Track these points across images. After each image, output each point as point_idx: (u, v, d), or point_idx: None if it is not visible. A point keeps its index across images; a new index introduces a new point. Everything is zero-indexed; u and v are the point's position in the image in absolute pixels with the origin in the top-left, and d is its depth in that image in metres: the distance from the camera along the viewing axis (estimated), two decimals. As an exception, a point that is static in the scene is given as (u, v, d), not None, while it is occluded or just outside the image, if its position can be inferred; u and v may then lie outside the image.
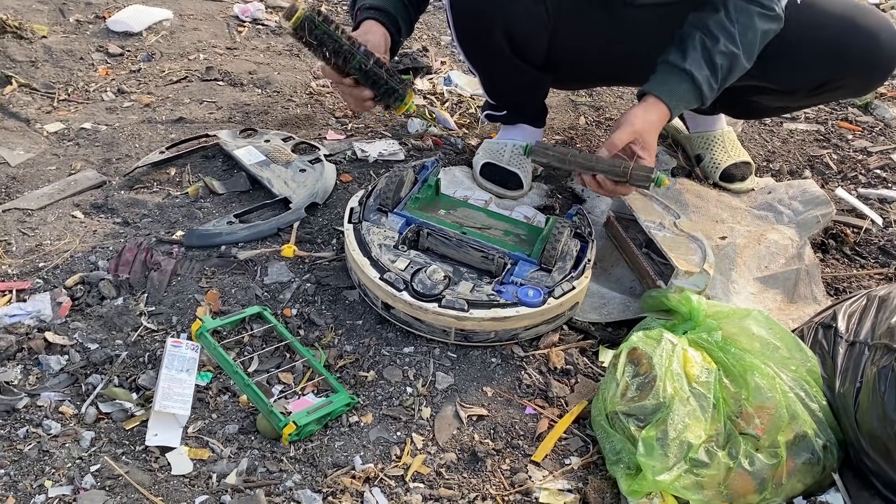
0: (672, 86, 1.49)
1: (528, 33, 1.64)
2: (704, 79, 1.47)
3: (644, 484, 1.15)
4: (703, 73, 1.47)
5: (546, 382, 1.38)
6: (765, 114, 2.01)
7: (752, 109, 1.90)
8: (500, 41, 1.64)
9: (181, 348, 1.35)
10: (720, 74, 1.49)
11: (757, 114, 1.99)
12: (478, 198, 1.74)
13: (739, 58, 1.48)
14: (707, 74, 1.47)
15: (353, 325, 1.47)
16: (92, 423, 1.26)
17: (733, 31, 1.46)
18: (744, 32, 1.47)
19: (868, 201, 1.99)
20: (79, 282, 1.50)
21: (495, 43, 1.64)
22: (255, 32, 2.66)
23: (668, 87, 1.49)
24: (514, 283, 1.41)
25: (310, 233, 1.67)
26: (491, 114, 1.97)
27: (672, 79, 1.49)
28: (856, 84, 1.70)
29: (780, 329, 1.31)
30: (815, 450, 1.19)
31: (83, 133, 1.99)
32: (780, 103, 1.81)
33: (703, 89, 1.48)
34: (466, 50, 1.75)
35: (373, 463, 1.22)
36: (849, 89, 1.73)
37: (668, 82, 1.49)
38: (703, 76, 1.47)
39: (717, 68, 1.48)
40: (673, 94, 1.49)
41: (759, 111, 1.93)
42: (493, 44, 1.65)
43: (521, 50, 1.67)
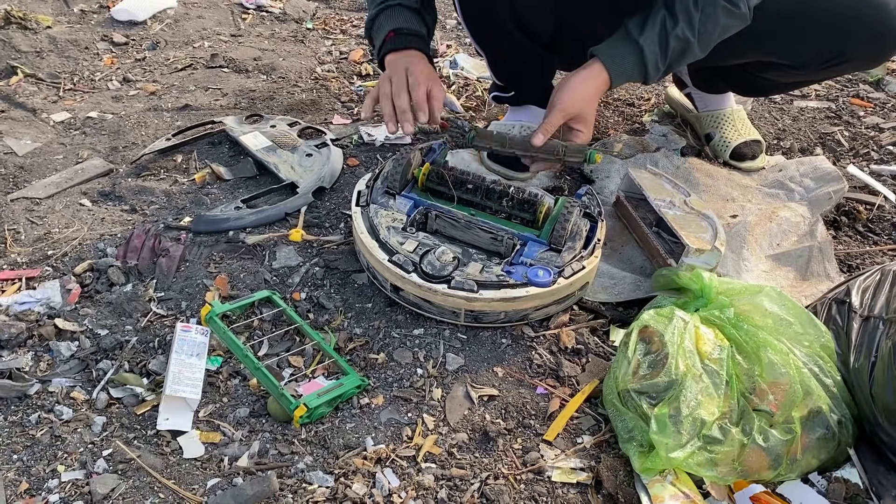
0: (621, 56, 1.47)
1: (535, 10, 1.63)
2: (653, 57, 1.46)
3: (657, 461, 1.14)
4: (654, 51, 1.45)
5: (557, 362, 1.37)
6: (773, 90, 1.98)
7: (761, 86, 1.87)
8: (506, 18, 1.62)
9: (191, 333, 1.35)
10: (669, 58, 1.47)
11: (765, 90, 1.96)
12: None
13: (693, 46, 1.46)
14: (657, 53, 1.45)
15: (362, 308, 1.46)
16: (103, 408, 1.26)
17: (695, 18, 1.44)
18: (704, 22, 1.44)
19: (881, 178, 1.97)
20: (88, 269, 1.50)
21: (501, 20, 1.63)
22: (259, 19, 2.65)
23: (618, 56, 1.48)
24: (524, 263, 1.40)
25: (317, 217, 1.67)
26: (498, 95, 1.96)
27: (623, 48, 1.47)
28: (866, 56, 1.67)
29: (792, 305, 1.30)
30: (830, 425, 1.18)
31: (89, 122, 1.99)
32: (789, 79, 1.78)
33: (648, 67, 1.47)
34: (472, 28, 1.73)
35: (384, 444, 1.22)
36: (859, 62, 1.70)
37: (618, 52, 1.48)
38: (653, 54, 1.45)
39: (668, 50, 1.45)
40: (618, 65, 1.48)
41: (767, 88, 1.90)
42: (499, 21, 1.63)
43: (528, 27, 1.66)
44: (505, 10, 1.60)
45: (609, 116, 2.17)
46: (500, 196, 1.50)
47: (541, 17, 1.65)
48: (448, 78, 2.31)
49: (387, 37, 1.56)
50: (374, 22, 1.61)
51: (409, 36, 1.56)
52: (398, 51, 1.55)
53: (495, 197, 1.51)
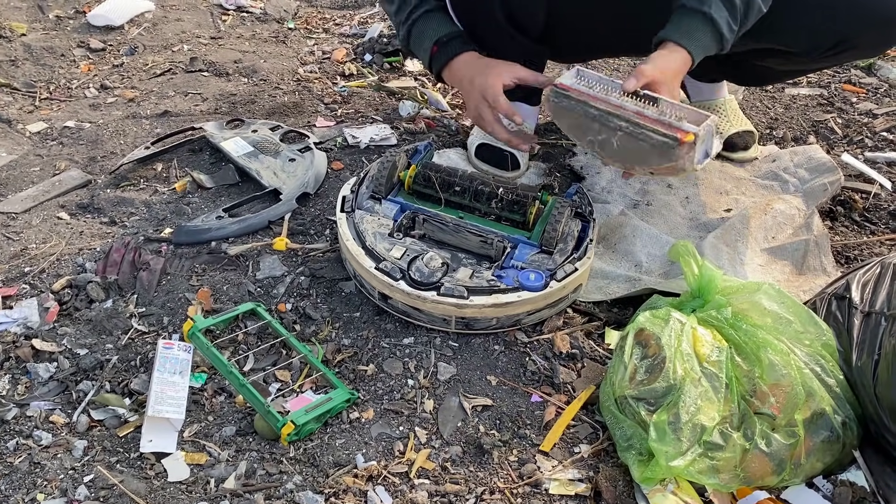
0: (691, 30, 1.39)
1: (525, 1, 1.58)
2: (724, 21, 1.38)
3: (657, 470, 1.10)
4: (723, 15, 1.38)
5: (552, 368, 1.34)
6: (771, 79, 1.93)
7: (759, 74, 1.83)
8: (496, 9, 1.58)
9: (173, 350, 1.31)
10: (739, 16, 1.39)
11: (762, 79, 1.91)
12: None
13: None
14: (726, 16, 1.38)
15: (350, 317, 1.42)
16: (84, 431, 1.22)
17: None
18: None
19: (876, 165, 1.93)
20: (66, 285, 1.46)
21: (490, 10, 1.59)
22: (239, 20, 2.61)
23: (688, 31, 1.40)
24: (515, 267, 1.36)
25: (302, 224, 1.62)
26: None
27: (690, 23, 1.39)
28: (870, 44, 1.61)
29: (792, 302, 1.26)
30: (834, 427, 1.14)
31: (66, 132, 1.94)
32: (788, 66, 1.72)
33: (723, 32, 1.39)
34: (461, 17, 1.69)
35: (375, 460, 1.18)
36: (862, 50, 1.64)
37: (687, 27, 1.40)
38: (723, 18, 1.38)
39: (735, 9, 1.38)
40: (693, 39, 1.39)
41: (765, 76, 1.85)
42: (489, 11, 1.59)
43: (518, 20, 1.61)
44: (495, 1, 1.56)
45: (598, 110, 2.13)
46: (489, 198, 1.46)
47: (531, 9, 1.60)
48: (433, 75, 2.27)
49: (432, 53, 1.54)
50: (409, 39, 1.59)
51: (449, 43, 1.53)
52: (449, 63, 1.53)
53: (484, 199, 1.47)
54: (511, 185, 1.50)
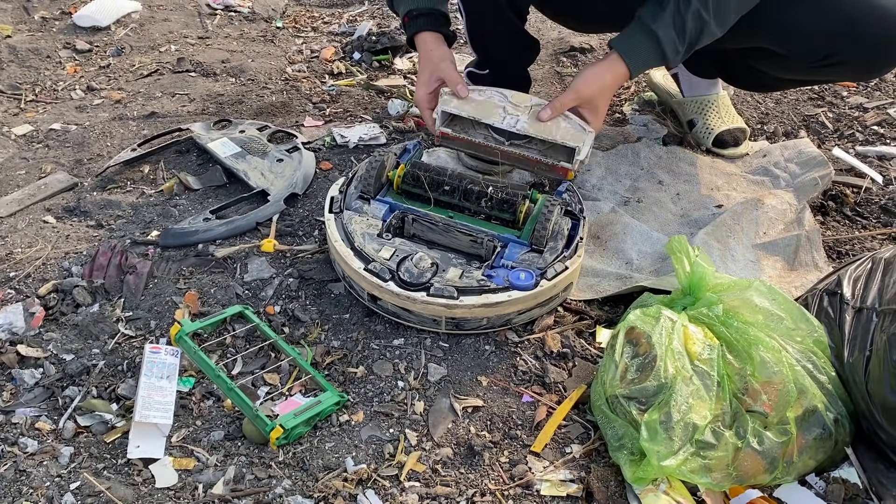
0: (636, 44, 1.44)
1: None
2: (669, 42, 1.41)
3: (649, 470, 1.10)
4: (669, 35, 1.41)
5: (542, 368, 1.33)
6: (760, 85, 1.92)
7: (754, 79, 1.82)
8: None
9: (160, 354, 1.29)
10: (688, 39, 1.42)
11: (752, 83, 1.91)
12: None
13: (710, 24, 1.41)
14: (673, 37, 1.41)
15: (339, 319, 1.41)
16: (70, 437, 1.21)
17: None
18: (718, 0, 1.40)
19: (867, 159, 1.93)
20: (52, 290, 1.44)
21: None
22: (227, 20, 2.58)
23: (633, 45, 1.44)
24: (505, 266, 1.35)
25: (290, 225, 1.61)
26: (473, 71, 1.90)
27: (638, 37, 1.44)
28: (862, 63, 1.60)
29: (783, 299, 1.26)
30: (826, 424, 1.14)
31: (52, 134, 1.92)
32: (781, 73, 1.72)
33: (666, 51, 1.43)
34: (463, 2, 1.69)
35: (365, 463, 1.17)
36: (853, 69, 1.63)
37: (634, 40, 1.44)
38: (669, 38, 1.41)
39: (685, 32, 1.41)
40: (635, 54, 1.44)
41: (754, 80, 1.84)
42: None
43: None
44: None
45: (588, 107, 2.12)
46: (479, 196, 1.45)
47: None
48: (422, 73, 2.25)
49: (404, 21, 1.58)
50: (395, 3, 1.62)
51: (417, 18, 1.56)
52: (415, 36, 1.57)
53: (473, 198, 1.45)
54: (500, 184, 1.48)
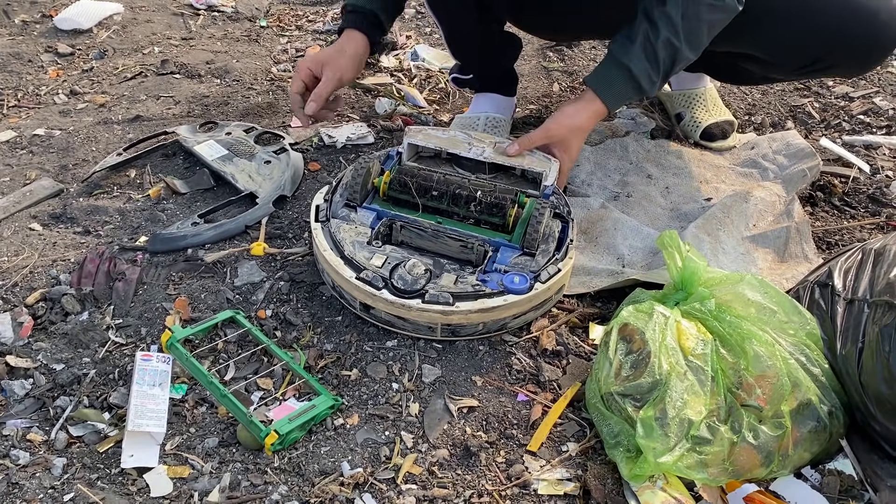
0: (610, 80, 1.45)
1: None
2: (643, 73, 1.42)
3: (645, 467, 1.10)
4: (642, 67, 1.42)
5: (537, 366, 1.33)
6: (748, 82, 1.93)
7: (737, 76, 1.83)
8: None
9: (152, 362, 1.28)
10: (661, 68, 1.43)
11: (740, 80, 1.92)
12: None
13: (682, 51, 1.42)
14: (646, 68, 1.42)
15: (332, 321, 1.40)
16: (63, 448, 1.20)
17: (677, 22, 1.39)
18: (688, 23, 1.40)
19: (854, 149, 1.93)
20: (40, 299, 1.43)
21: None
22: (210, 20, 2.56)
23: (607, 80, 1.45)
24: (498, 270, 1.34)
25: (280, 228, 1.60)
26: (458, 77, 1.90)
27: (611, 72, 1.45)
28: (849, 65, 1.61)
29: (775, 292, 1.26)
30: (821, 416, 1.14)
31: (36, 140, 1.90)
32: (765, 73, 1.73)
33: (641, 83, 1.43)
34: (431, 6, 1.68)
35: (362, 467, 1.16)
36: (841, 70, 1.64)
37: (607, 76, 1.45)
38: (642, 70, 1.42)
39: (658, 62, 1.42)
40: (610, 89, 1.46)
41: (742, 78, 1.85)
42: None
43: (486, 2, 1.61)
44: None
45: (576, 102, 2.12)
46: (468, 201, 1.44)
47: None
48: (409, 71, 2.24)
49: (342, 11, 1.62)
50: None
51: (352, 14, 1.59)
52: (345, 30, 1.60)
53: (462, 202, 1.44)
54: (489, 188, 1.48)
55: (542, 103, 2.10)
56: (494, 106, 1.88)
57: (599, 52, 2.37)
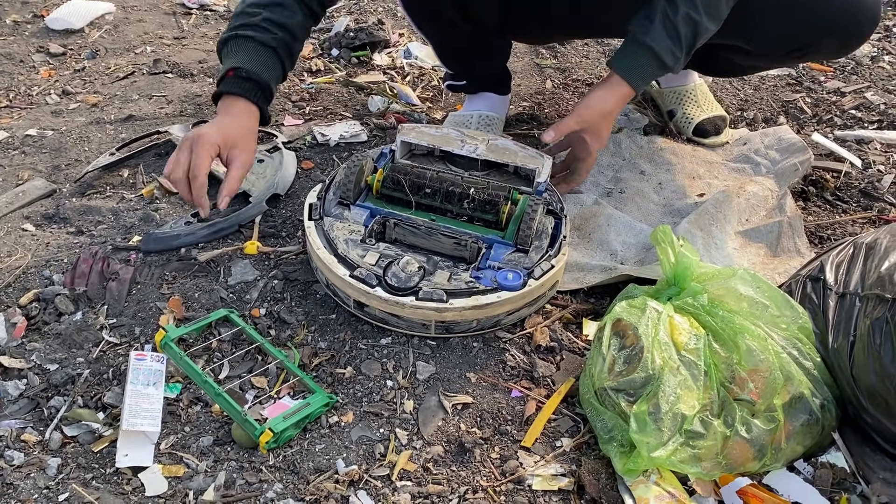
0: (634, 61, 1.44)
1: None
2: (666, 50, 1.42)
3: (639, 461, 1.10)
4: (665, 45, 1.41)
5: (531, 362, 1.33)
6: (735, 73, 1.94)
7: (723, 68, 1.84)
8: (449, 6, 1.56)
9: (146, 361, 1.28)
10: (684, 43, 1.42)
11: (727, 72, 1.93)
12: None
13: (702, 24, 1.41)
14: (669, 45, 1.41)
15: (326, 319, 1.40)
16: (57, 448, 1.20)
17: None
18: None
19: (845, 143, 1.94)
20: (33, 299, 1.43)
21: (443, 8, 1.57)
22: (203, 19, 2.56)
23: (631, 62, 1.45)
24: (492, 267, 1.34)
25: (273, 226, 1.60)
26: (452, 84, 1.90)
27: (634, 53, 1.44)
28: (834, 47, 1.63)
29: (767, 287, 1.26)
30: (813, 410, 1.15)
31: (28, 140, 1.89)
32: (752, 62, 1.74)
33: (665, 61, 1.43)
34: (414, 17, 1.67)
35: (356, 464, 1.17)
36: (826, 52, 1.66)
37: (631, 57, 1.45)
38: (665, 48, 1.41)
39: (680, 37, 1.41)
40: (635, 71, 1.45)
41: (729, 70, 1.86)
42: (442, 9, 1.57)
43: (472, 14, 1.60)
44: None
45: (569, 98, 2.12)
46: (461, 198, 1.44)
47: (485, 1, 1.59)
48: (402, 68, 2.25)
49: (226, 74, 1.44)
50: (224, 46, 1.49)
51: (246, 81, 1.43)
52: (230, 95, 1.43)
53: (455, 200, 1.45)
54: (482, 185, 1.48)
55: (535, 100, 2.11)
56: (488, 104, 1.88)
57: (592, 48, 2.38)
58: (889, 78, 2.22)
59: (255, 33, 1.45)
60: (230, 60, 1.45)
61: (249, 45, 1.45)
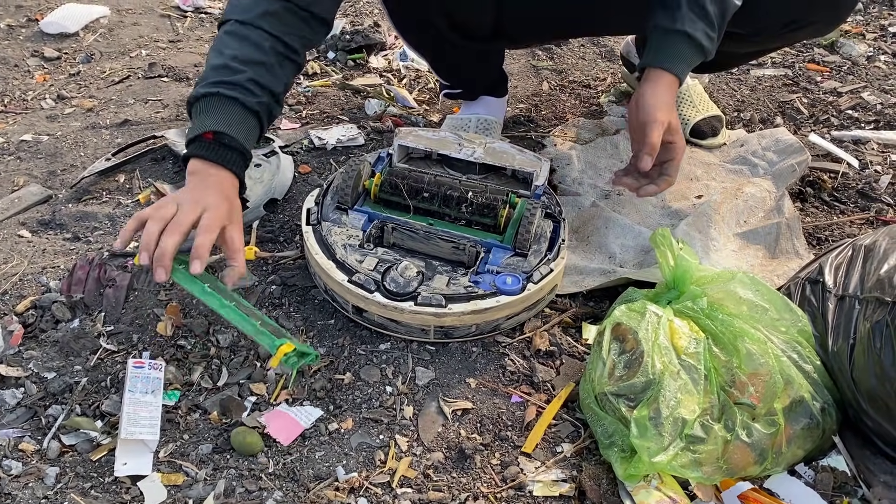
0: (671, 51, 1.37)
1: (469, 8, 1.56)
2: (701, 33, 1.35)
3: (640, 466, 1.10)
4: (699, 27, 1.35)
5: (531, 367, 1.33)
6: (728, 64, 1.93)
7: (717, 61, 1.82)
8: (439, 21, 1.56)
9: (144, 369, 1.27)
10: (716, 22, 1.37)
11: (720, 65, 1.91)
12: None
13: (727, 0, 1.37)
14: (703, 27, 1.35)
15: (324, 325, 1.40)
16: (56, 457, 1.19)
17: None
18: None
19: (842, 144, 1.94)
20: (30, 307, 1.42)
21: (434, 24, 1.56)
22: (198, 22, 2.55)
23: (668, 53, 1.37)
24: (490, 271, 1.34)
25: (271, 231, 1.59)
26: (449, 92, 1.90)
27: (668, 43, 1.37)
28: (823, 20, 1.61)
29: (766, 289, 1.26)
30: (814, 413, 1.15)
31: (24, 146, 1.89)
32: (744, 49, 1.72)
33: (703, 43, 1.36)
34: (405, 34, 1.67)
35: (357, 472, 1.16)
36: (815, 27, 1.64)
37: (666, 48, 1.37)
38: (699, 30, 1.35)
39: (709, 16, 1.36)
40: (675, 60, 1.37)
41: (724, 62, 1.85)
42: (432, 25, 1.57)
43: (463, 27, 1.59)
44: (437, 13, 1.53)
45: (565, 100, 2.12)
46: (459, 202, 1.44)
47: (476, 13, 1.58)
48: (398, 71, 2.24)
49: (204, 134, 1.27)
50: (198, 101, 1.31)
51: (230, 150, 1.28)
52: (209, 162, 1.27)
53: (453, 203, 1.44)
54: (480, 189, 1.48)
55: (532, 102, 2.10)
56: (485, 108, 1.88)
57: (588, 49, 2.37)
58: (885, 78, 2.22)
59: (239, 95, 1.29)
60: (210, 120, 1.28)
61: (234, 109, 1.29)
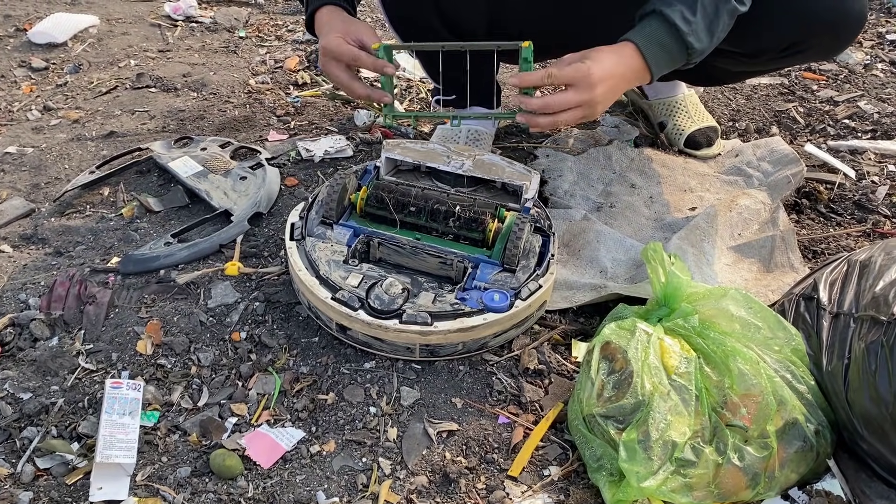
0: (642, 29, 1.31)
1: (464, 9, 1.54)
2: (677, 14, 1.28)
3: (629, 491, 1.07)
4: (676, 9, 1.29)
5: (518, 386, 1.30)
6: (724, 80, 1.90)
7: (711, 76, 1.80)
8: (435, 21, 1.53)
9: (122, 389, 1.24)
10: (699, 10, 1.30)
11: (715, 80, 1.89)
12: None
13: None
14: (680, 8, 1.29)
15: (308, 343, 1.37)
16: (30, 481, 1.16)
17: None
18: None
19: (839, 154, 1.91)
20: (8, 324, 1.39)
21: (429, 24, 1.54)
22: (188, 31, 2.53)
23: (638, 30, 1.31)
24: (478, 287, 1.31)
25: (255, 246, 1.56)
26: (441, 99, 1.87)
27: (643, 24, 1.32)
28: (823, 46, 1.59)
29: (759, 307, 1.23)
30: (807, 436, 1.11)
31: (8, 158, 1.86)
32: (741, 68, 1.70)
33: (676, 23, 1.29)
34: (401, 33, 1.65)
35: (338, 496, 1.13)
36: (816, 52, 1.62)
37: (640, 28, 1.32)
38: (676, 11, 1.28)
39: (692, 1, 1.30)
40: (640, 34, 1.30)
41: (717, 78, 1.82)
42: (428, 25, 1.55)
43: (459, 29, 1.57)
44: (432, 12, 1.51)
45: (558, 110, 2.09)
46: (446, 217, 1.41)
47: (471, 15, 1.56)
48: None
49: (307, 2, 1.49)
50: None
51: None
52: (315, 14, 1.47)
53: (441, 218, 1.41)
54: (468, 202, 1.45)
55: (524, 112, 2.07)
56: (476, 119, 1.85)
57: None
58: (882, 86, 2.19)
59: None
60: None
61: None
